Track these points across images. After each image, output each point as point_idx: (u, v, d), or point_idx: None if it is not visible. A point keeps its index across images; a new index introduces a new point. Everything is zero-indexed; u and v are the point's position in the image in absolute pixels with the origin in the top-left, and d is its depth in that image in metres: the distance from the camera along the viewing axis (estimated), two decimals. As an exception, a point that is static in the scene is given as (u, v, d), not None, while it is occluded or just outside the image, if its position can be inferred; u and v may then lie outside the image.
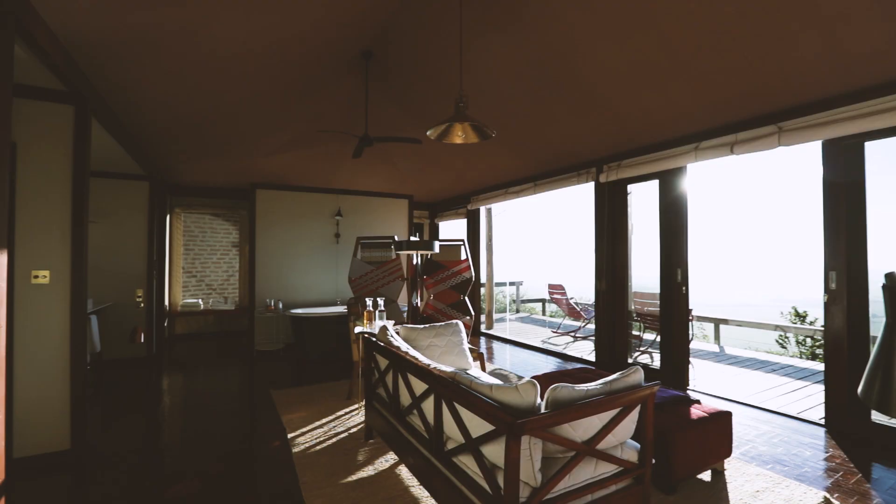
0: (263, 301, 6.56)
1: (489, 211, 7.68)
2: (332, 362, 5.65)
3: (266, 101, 4.37)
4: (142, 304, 5.48)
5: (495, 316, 8.43)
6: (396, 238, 5.22)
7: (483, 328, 7.77)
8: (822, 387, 4.32)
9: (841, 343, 3.23)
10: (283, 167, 6.67)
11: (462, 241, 5.60)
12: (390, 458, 2.84)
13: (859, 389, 1.11)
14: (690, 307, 5.62)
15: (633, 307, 5.61)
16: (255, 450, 3.02)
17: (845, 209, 3.22)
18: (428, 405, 2.20)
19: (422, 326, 3.20)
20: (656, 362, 5.05)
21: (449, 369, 2.04)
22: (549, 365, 5.46)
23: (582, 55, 3.34)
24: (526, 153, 5.38)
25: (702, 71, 3.15)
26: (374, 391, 3.03)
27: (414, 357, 2.37)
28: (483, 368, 4.28)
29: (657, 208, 4.47)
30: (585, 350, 6.13)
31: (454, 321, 3.38)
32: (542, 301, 10.23)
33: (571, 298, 7.25)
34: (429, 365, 2.21)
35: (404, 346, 2.64)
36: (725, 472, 2.66)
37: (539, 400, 1.67)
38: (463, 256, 5.59)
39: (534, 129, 4.69)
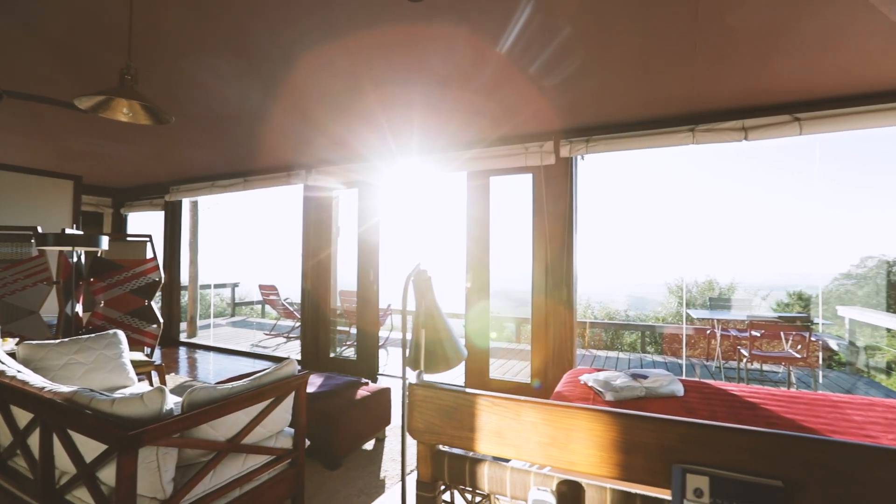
0: None
1: (195, 204, 6.81)
2: None
3: None
4: None
5: (203, 322, 7.53)
6: (41, 230, 4.00)
7: (184, 336, 6.82)
8: (472, 358, 5.69)
9: (474, 321, 4.36)
10: None
11: (148, 236, 4.78)
12: (-12, 519, 2.15)
13: (405, 359, 1.54)
14: (389, 303, 6.48)
15: (340, 305, 6.03)
16: None
17: (477, 225, 4.37)
18: (37, 439, 1.78)
19: (56, 342, 2.56)
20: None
21: (68, 389, 1.71)
22: (255, 369, 5.26)
23: (297, 63, 3.33)
24: (234, 146, 5.04)
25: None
26: (-35, 436, 2.23)
27: (21, 382, 1.87)
28: (163, 382, 3.78)
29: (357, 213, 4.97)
30: (296, 350, 6.20)
31: (112, 331, 2.85)
32: (262, 303, 9.77)
33: (286, 299, 7.21)
34: (42, 388, 1.79)
35: (13, 370, 2.05)
36: (386, 439, 3.19)
37: (170, 406, 1.60)
38: (149, 255, 4.77)
39: (243, 123, 4.43)
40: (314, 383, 3.01)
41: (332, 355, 5.20)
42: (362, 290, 4.92)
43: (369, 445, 3.08)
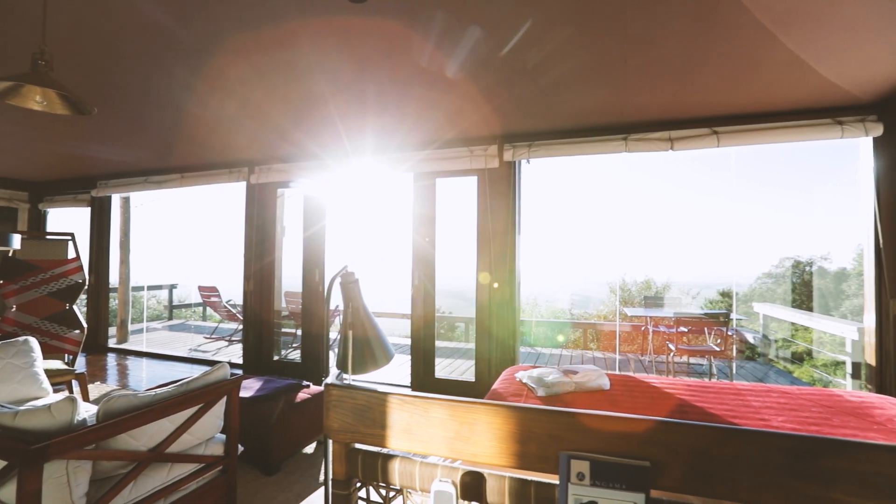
0: None
1: (126, 200, 6.38)
2: None
3: None
4: None
5: (136, 326, 7.08)
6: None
7: (114, 342, 6.38)
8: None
9: (420, 321, 4.40)
10: None
11: (70, 234, 4.44)
12: None
13: (335, 361, 1.56)
14: (336, 304, 6.38)
15: (286, 306, 5.88)
16: None
17: (423, 224, 4.41)
18: (-74, 457, 1.63)
19: (-46, 351, 2.34)
20: (304, 356, 5.45)
21: (-36, 403, 1.58)
22: (191, 375, 5.03)
23: (232, 62, 3.20)
24: (168, 140, 4.77)
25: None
26: None
27: None
28: (84, 391, 3.54)
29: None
30: (238, 353, 5.97)
31: (22, 338, 2.63)
32: (203, 305, 9.32)
33: (229, 301, 6.92)
34: (-67, 402, 1.64)
35: None
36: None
37: (83, 416, 1.52)
38: (71, 254, 4.44)
39: (177, 115, 4.20)
40: (251, 387, 2.93)
41: (276, 358, 5.06)
42: (308, 292, 4.82)
43: (310, 449, 3.04)
